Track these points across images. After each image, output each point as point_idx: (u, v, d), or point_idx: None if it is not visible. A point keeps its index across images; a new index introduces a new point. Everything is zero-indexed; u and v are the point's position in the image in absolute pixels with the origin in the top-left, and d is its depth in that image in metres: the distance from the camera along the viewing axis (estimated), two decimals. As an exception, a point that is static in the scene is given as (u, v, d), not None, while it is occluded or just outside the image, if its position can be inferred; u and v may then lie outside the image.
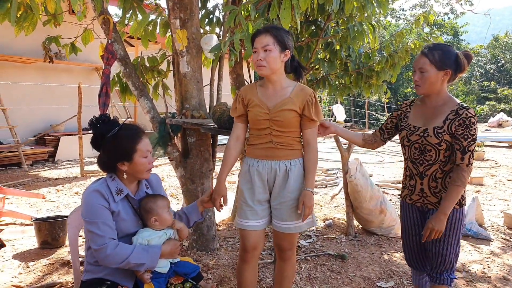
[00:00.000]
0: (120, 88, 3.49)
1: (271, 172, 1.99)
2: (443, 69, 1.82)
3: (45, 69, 8.55)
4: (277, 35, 1.88)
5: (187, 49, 2.92)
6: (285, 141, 1.98)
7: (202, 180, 3.09)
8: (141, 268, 1.68)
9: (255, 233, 2.04)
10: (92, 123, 1.74)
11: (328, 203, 4.98)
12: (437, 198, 1.92)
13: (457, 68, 1.84)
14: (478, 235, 3.75)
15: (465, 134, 1.78)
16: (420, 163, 1.92)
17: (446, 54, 1.82)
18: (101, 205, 1.66)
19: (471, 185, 6.07)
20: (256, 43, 1.89)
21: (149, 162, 1.77)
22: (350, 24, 3.41)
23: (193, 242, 3.19)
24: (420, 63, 1.84)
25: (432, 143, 1.85)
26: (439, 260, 1.94)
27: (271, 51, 1.86)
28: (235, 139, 2.08)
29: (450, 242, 1.90)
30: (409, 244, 2.10)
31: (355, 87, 3.95)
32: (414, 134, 1.91)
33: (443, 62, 1.81)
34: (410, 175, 1.99)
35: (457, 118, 1.80)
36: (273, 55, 1.87)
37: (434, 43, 1.90)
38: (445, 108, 1.85)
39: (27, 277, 2.85)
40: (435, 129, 1.84)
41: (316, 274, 2.91)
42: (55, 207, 4.70)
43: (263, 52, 1.87)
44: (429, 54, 1.82)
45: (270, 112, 1.94)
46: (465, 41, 28.29)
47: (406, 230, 2.09)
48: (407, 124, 1.97)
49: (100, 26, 2.91)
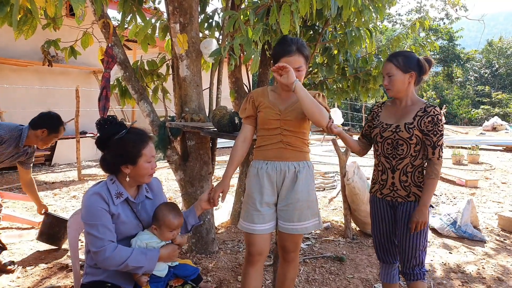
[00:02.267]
0: (119, 91, 3.51)
1: (280, 173, 2.02)
2: (408, 72, 2.01)
3: (42, 72, 8.53)
4: (307, 53, 2.00)
5: (187, 53, 2.95)
6: (295, 142, 2.02)
7: (202, 183, 3.11)
8: (139, 271, 1.68)
9: (261, 237, 2.04)
10: (100, 123, 1.76)
11: (326, 206, 5.00)
12: (406, 191, 2.04)
13: (420, 71, 2.03)
14: (473, 237, 3.80)
15: (434, 130, 1.96)
16: (393, 157, 2.05)
17: (409, 58, 2.02)
18: (101, 207, 1.67)
19: (466, 188, 6.13)
20: (289, 64, 1.93)
21: (152, 167, 1.79)
22: (348, 29, 3.46)
23: (192, 245, 3.20)
24: (387, 68, 2.03)
25: (404, 138, 2.00)
26: (410, 253, 2.04)
27: (302, 70, 1.96)
28: (242, 140, 2.11)
29: (418, 235, 2.02)
30: (379, 238, 2.19)
31: (353, 91, 3.99)
32: (387, 130, 2.05)
33: (407, 65, 2.00)
34: (383, 170, 2.11)
35: (425, 115, 1.98)
36: (302, 74, 1.98)
37: (397, 51, 2.12)
38: (414, 107, 2.03)
39: (25, 281, 2.84)
40: (406, 124, 2.00)
41: (314, 276, 2.94)
42: (52, 211, 4.68)
43: (295, 72, 1.93)
44: (394, 60, 2.02)
45: (281, 113, 2.01)
46: (460, 46, 28.56)
47: (376, 224, 2.19)
48: (379, 122, 2.12)
49: (100, 30, 2.94)
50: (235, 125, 2.53)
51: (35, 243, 3.61)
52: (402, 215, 2.05)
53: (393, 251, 2.19)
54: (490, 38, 30.73)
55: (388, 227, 2.14)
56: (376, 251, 2.25)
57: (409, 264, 2.06)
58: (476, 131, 16.86)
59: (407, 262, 2.06)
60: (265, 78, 3.82)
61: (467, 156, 8.80)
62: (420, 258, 2.05)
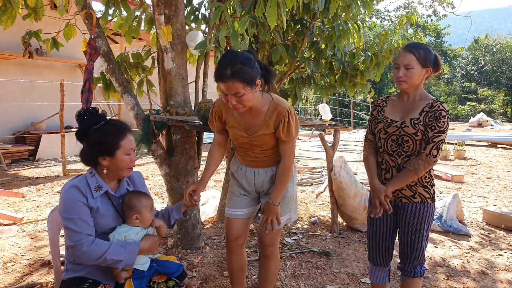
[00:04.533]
0: (104, 85, 3.43)
1: (258, 177, 2.07)
2: (426, 67, 1.89)
3: (26, 65, 8.33)
4: (244, 76, 1.71)
5: (172, 46, 2.90)
6: (268, 155, 2.02)
7: (187, 177, 3.07)
8: (119, 264, 1.64)
9: (238, 221, 2.12)
10: (80, 114, 1.72)
11: (314, 200, 5.01)
12: (412, 191, 1.94)
13: (435, 68, 1.92)
14: (459, 231, 3.84)
15: (433, 125, 1.85)
16: (398, 154, 1.95)
17: (429, 53, 1.90)
18: (78, 201, 1.63)
19: (452, 183, 6.20)
20: (224, 90, 1.75)
21: (131, 160, 1.74)
22: (336, 23, 3.44)
23: (177, 241, 3.17)
24: (407, 59, 1.87)
25: (409, 133, 1.89)
26: (414, 254, 1.99)
27: (244, 95, 1.73)
28: (217, 146, 2.12)
29: (423, 235, 1.96)
30: (376, 239, 2.09)
31: (340, 86, 3.98)
32: (392, 126, 1.94)
33: (427, 60, 1.88)
34: (386, 168, 2.00)
35: (431, 111, 1.87)
36: (246, 97, 1.74)
37: (416, 42, 1.95)
38: (421, 102, 1.92)
39: (5, 278, 2.77)
40: (412, 120, 1.89)
41: (301, 271, 2.93)
42: (35, 207, 4.59)
43: (235, 97, 1.74)
44: (415, 51, 1.87)
45: (248, 135, 1.94)
46: (447, 43, 28.89)
47: (374, 226, 2.08)
48: (384, 117, 2.00)
49: (83, 21, 2.86)
50: (221, 119, 2.49)
51: (17, 239, 3.54)
52: (406, 216, 1.95)
53: (388, 254, 2.09)
54: (476, 35, 31.17)
55: (388, 229, 2.04)
56: (369, 253, 2.15)
57: (412, 263, 2.01)
58: (462, 127, 17.11)
59: (409, 261, 2.01)
60: (252, 72, 3.77)
61: (453, 152, 8.92)
62: (423, 257, 2.00)
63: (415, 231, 1.95)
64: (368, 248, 2.17)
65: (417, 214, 1.94)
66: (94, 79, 3.10)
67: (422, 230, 1.95)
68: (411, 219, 1.95)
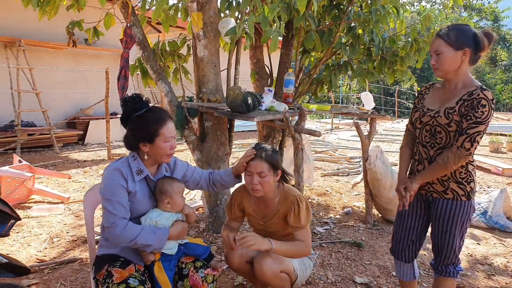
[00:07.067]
0: (141, 72, 3.54)
1: None
2: (461, 49, 1.73)
3: (76, 54, 8.81)
4: (271, 160, 1.91)
5: (205, 33, 2.92)
6: (283, 237, 2.03)
7: (219, 163, 3.11)
8: (148, 248, 1.72)
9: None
10: (124, 100, 1.78)
11: (349, 191, 4.90)
12: (443, 187, 1.83)
13: (476, 47, 1.74)
14: (505, 228, 3.60)
15: (469, 114, 1.69)
16: (431, 146, 1.84)
17: (463, 33, 1.74)
18: (119, 184, 1.70)
19: (503, 177, 5.80)
20: (251, 167, 1.91)
21: (171, 147, 1.78)
22: (374, 7, 3.28)
23: (209, 224, 3.24)
24: (435, 45, 1.77)
25: (442, 124, 1.77)
26: (444, 253, 1.87)
27: (266, 176, 1.89)
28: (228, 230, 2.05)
29: (454, 234, 1.83)
30: (402, 232, 2.00)
31: (379, 72, 3.82)
32: (426, 115, 1.84)
33: (460, 41, 1.73)
34: (419, 160, 1.91)
35: (468, 99, 1.71)
36: (267, 180, 1.90)
37: (449, 24, 1.81)
38: (462, 90, 1.77)
39: (51, 252, 3.00)
40: (447, 109, 1.77)
41: (330, 260, 2.89)
42: (81, 188, 4.90)
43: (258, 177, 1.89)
44: (443, 35, 1.75)
45: (264, 222, 2.06)
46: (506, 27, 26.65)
47: (403, 219, 2.00)
48: (422, 106, 1.91)
49: (120, 10, 2.95)
50: (248, 106, 2.49)
51: (63, 217, 3.80)
52: (437, 212, 1.85)
53: (411, 250, 2.01)
54: (541, 18, 28.44)
55: (416, 222, 1.96)
56: (393, 246, 2.06)
57: (442, 262, 1.90)
58: (520, 118, 15.85)
59: (441, 259, 1.90)
60: (287, 59, 3.72)
61: (507, 144, 8.31)
62: (456, 257, 1.88)
63: (445, 229, 1.84)
64: (392, 240, 2.08)
65: (447, 211, 1.82)
66: (131, 67, 3.21)
67: (454, 229, 1.82)
68: (441, 216, 1.84)
